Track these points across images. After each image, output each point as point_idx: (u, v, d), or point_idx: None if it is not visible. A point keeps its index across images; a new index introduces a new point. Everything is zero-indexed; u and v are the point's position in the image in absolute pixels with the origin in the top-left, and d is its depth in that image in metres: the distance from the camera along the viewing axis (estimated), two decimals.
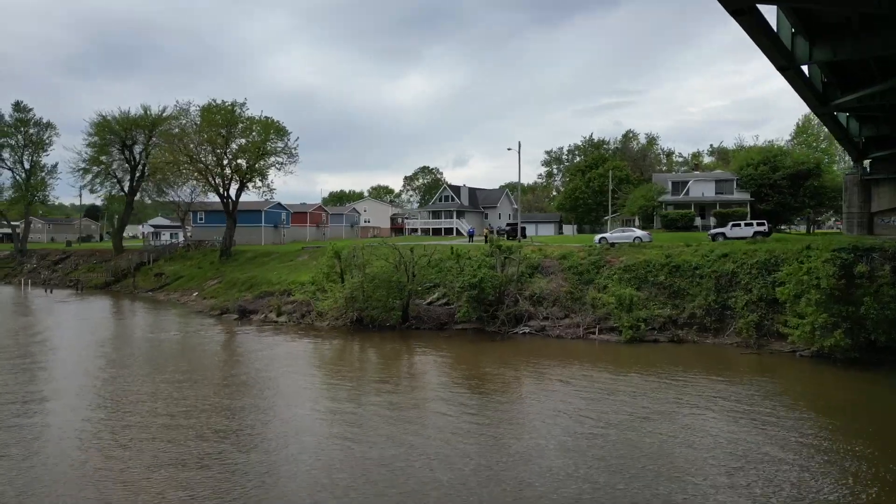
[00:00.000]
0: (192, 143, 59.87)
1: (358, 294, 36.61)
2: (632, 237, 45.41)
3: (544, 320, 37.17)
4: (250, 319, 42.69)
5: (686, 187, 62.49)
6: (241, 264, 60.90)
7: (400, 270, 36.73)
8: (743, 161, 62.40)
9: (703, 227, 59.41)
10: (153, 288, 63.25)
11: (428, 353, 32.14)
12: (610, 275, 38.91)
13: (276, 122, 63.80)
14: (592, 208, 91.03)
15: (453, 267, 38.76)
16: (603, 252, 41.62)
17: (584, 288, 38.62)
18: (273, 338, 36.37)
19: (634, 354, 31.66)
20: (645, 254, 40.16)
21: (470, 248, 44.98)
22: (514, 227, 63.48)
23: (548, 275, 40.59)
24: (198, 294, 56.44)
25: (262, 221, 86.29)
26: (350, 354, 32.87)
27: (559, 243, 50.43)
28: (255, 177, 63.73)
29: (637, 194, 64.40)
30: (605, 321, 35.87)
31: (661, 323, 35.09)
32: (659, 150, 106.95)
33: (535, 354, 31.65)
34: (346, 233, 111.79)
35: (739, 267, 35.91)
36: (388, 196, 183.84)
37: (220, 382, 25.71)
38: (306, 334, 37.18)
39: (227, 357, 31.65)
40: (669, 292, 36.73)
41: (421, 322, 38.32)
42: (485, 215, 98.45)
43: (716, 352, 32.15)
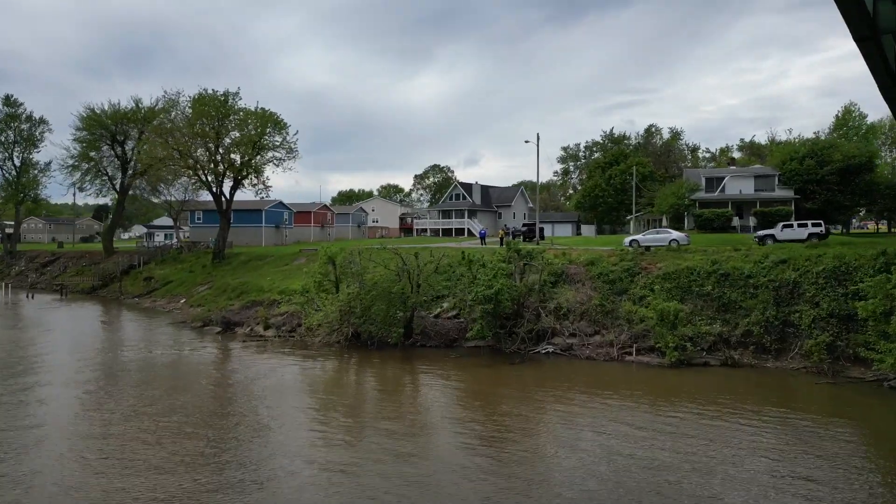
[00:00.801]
0: (182, 136, 54.97)
1: (355, 305, 31.49)
2: (667, 239, 39.91)
3: (571, 337, 31.85)
4: (234, 332, 37.72)
5: (722, 184, 56.67)
6: (233, 268, 56.06)
7: (403, 279, 31.54)
8: (785, 155, 56.57)
9: (742, 228, 53.71)
10: (140, 294, 58.58)
11: (435, 381, 26.93)
12: (647, 284, 33.51)
13: (273, 114, 58.90)
14: (613, 207, 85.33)
15: (465, 274, 33.53)
16: (637, 257, 36.19)
17: (616, 299, 33.24)
18: (255, 357, 31.33)
19: (682, 382, 26.29)
20: (686, 259, 34.71)
21: (483, 251, 39.74)
22: (531, 228, 58.12)
23: (573, 284, 35.23)
24: (185, 301, 51.68)
25: (263, 221, 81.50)
26: (342, 382, 27.74)
27: (582, 245, 45.04)
28: (250, 173, 58.86)
29: (667, 192, 58.74)
30: (644, 339, 30.49)
31: (711, 342, 29.65)
32: (683, 145, 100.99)
33: (562, 382, 26.35)
34: (353, 233, 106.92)
35: (802, 276, 30.37)
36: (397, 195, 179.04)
37: (173, 425, 20.63)
38: (294, 353, 32.11)
39: (193, 385, 26.60)
40: (718, 305, 31.26)
41: (427, 338, 33.13)
42: (498, 215, 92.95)
43: (779, 379, 26.69)
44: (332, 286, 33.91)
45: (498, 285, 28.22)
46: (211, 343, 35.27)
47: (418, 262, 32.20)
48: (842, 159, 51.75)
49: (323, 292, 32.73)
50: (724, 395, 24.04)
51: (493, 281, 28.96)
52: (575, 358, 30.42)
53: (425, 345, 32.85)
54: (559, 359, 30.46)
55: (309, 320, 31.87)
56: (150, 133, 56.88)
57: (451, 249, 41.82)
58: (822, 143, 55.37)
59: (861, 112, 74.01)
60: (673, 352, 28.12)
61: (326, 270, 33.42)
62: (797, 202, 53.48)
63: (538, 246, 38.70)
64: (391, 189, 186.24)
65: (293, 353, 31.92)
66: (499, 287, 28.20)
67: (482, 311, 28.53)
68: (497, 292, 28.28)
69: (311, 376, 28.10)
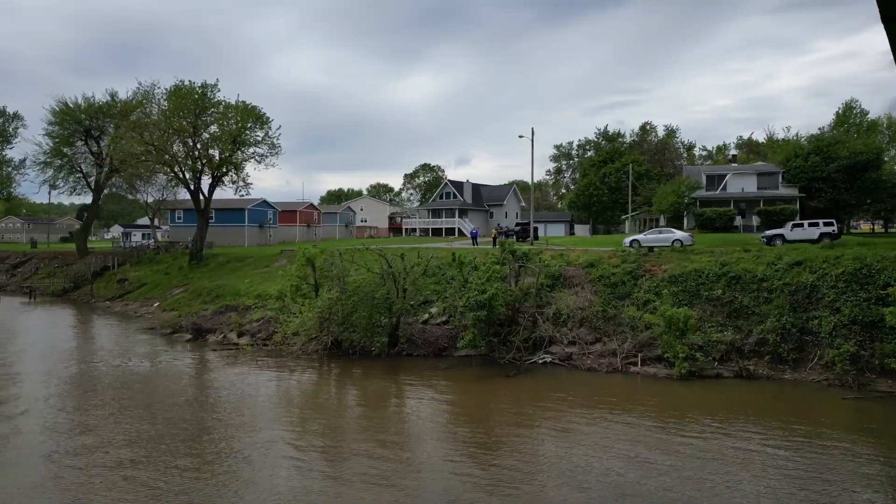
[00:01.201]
0: (157, 131, 51.93)
1: (336, 311, 28.80)
2: (670, 239, 37.54)
3: (570, 345, 29.35)
4: (206, 340, 34.93)
5: (723, 182, 54.30)
6: (211, 270, 53.18)
7: (387, 283, 28.88)
8: (789, 152, 54.36)
9: (745, 228, 51.47)
10: (113, 296, 55.57)
11: (421, 396, 24.32)
12: (652, 287, 31.10)
13: (255, 108, 55.95)
14: (608, 207, 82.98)
15: (456, 277, 30.94)
16: (640, 259, 33.76)
17: (618, 304, 30.80)
18: (226, 369, 28.59)
19: (694, 396, 23.85)
20: (693, 261, 32.32)
21: (475, 252, 37.19)
22: (524, 228, 55.60)
23: (572, 287, 32.75)
24: (159, 305, 48.76)
25: (246, 221, 78.61)
26: (319, 400, 25.03)
27: (579, 246, 42.58)
28: (230, 170, 55.91)
29: (667, 190, 56.35)
30: (650, 348, 28.06)
31: (723, 351, 27.25)
32: (679, 143, 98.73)
33: (562, 396, 23.82)
34: (341, 233, 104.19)
35: (820, 279, 28.04)
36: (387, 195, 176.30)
37: (124, 458, 17.90)
38: (269, 363, 29.39)
39: (153, 404, 23.82)
40: (729, 311, 28.88)
41: (414, 347, 30.51)
42: (490, 214, 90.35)
43: (800, 392, 24.30)
44: (312, 290, 31.21)
45: (492, 290, 25.62)
46: (179, 352, 32.46)
47: (404, 265, 29.55)
48: (848, 156, 49.57)
49: (301, 297, 30.01)
50: (741, 412, 21.62)
51: (487, 285, 26.38)
52: (575, 369, 27.92)
53: (412, 354, 30.25)
54: (558, 369, 27.94)
55: (284, 328, 29.11)
56: (124, 128, 53.66)
57: (441, 250, 39.26)
58: (827, 139, 53.22)
59: (863, 109, 72.15)
60: (683, 362, 25.66)
61: (305, 273, 30.70)
62: (802, 201, 51.28)
63: (533, 246, 36.19)
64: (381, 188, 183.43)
65: (268, 364, 29.21)
66: (493, 292, 25.60)
67: (474, 318, 25.93)
68: (491, 298, 25.68)
69: (286, 392, 25.39)
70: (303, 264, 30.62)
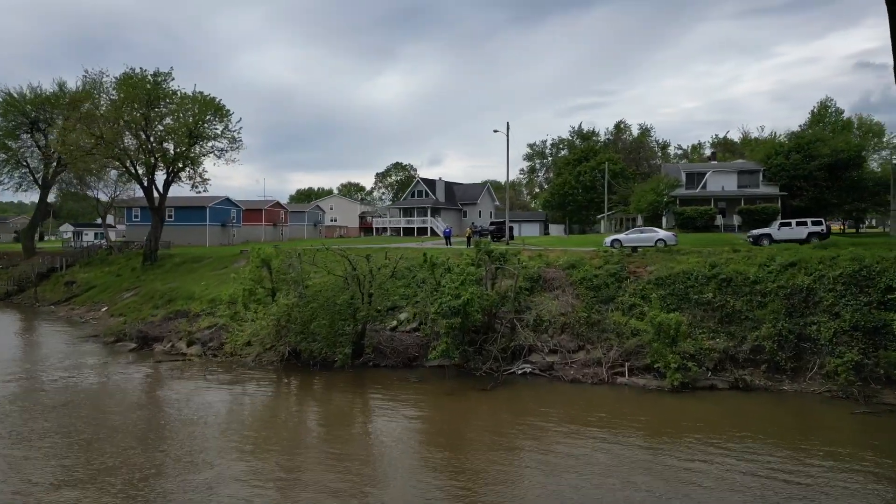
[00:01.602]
0: (106, 122, 48.22)
1: (294, 319, 25.98)
2: (653, 239, 35.61)
3: (551, 354, 27.02)
4: (152, 349, 31.77)
5: (703, 180, 52.70)
6: (165, 271, 49.71)
7: (352, 287, 26.14)
8: (770, 149, 53.07)
9: (726, 227, 49.94)
10: (59, 300, 51.70)
11: (388, 414, 21.72)
12: (637, 291, 28.95)
13: (213, 99, 52.59)
14: (583, 206, 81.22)
15: (428, 280, 28.38)
16: (623, 259, 31.63)
17: (602, 309, 28.58)
18: (171, 384, 25.59)
19: (688, 410, 21.72)
20: (680, 262, 30.31)
21: (448, 252, 34.69)
22: (499, 227, 53.35)
23: (552, 291, 30.46)
24: (107, 309, 45.24)
25: (207, 219, 74.82)
26: (274, 419, 22.20)
27: (557, 246, 40.37)
28: (187, 165, 52.47)
29: (645, 188, 54.59)
30: (637, 356, 25.88)
31: (716, 360, 25.19)
32: (654, 142, 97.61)
33: (544, 411, 21.47)
34: (309, 233, 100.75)
35: (817, 281, 26.18)
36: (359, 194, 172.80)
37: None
38: (220, 377, 26.46)
39: (84, 426, 20.77)
40: (721, 315, 26.88)
41: (382, 356, 27.84)
42: (463, 213, 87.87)
43: (802, 405, 22.34)
44: (268, 295, 28.32)
45: (466, 295, 23.08)
46: (120, 364, 29.26)
47: (371, 267, 26.84)
48: (830, 154, 48.38)
49: (255, 303, 27.09)
50: (741, 428, 19.53)
51: (461, 289, 23.85)
52: (557, 380, 25.58)
53: (379, 364, 27.58)
54: (538, 381, 25.59)
55: (234, 338, 26.12)
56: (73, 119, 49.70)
57: (412, 250, 36.68)
58: (807, 136, 52.04)
59: (837, 108, 71.54)
60: (675, 373, 23.51)
61: (260, 276, 27.79)
62: (783, 199, 49.94)
63: (510, 246, 33.80)
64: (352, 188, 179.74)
65: (218, 379, 26.27)
66: (468, 297, 23.06)
67: (447, 326, 23.36)
68: (465, 303, 23.16)
69: (236, 414, 22.51)
70: (257, 266, 27.71)
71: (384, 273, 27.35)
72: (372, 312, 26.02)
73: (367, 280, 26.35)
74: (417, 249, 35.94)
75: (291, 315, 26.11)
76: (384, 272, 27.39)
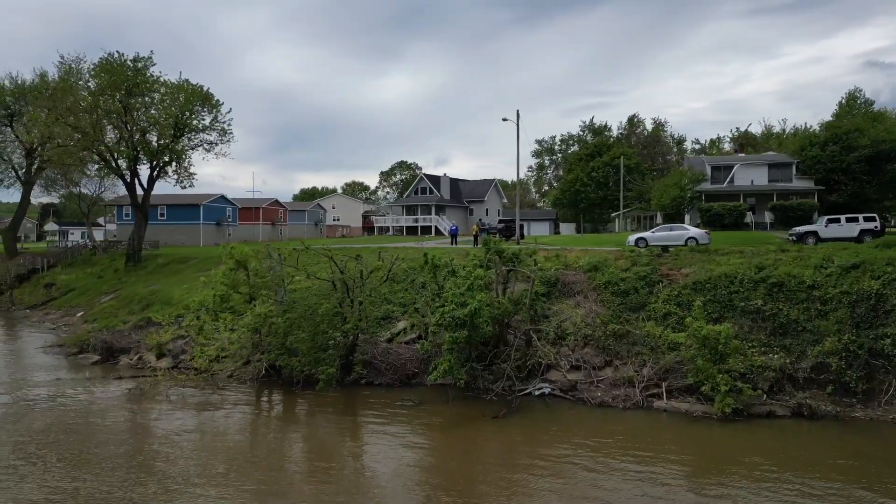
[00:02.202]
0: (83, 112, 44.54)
1: (277, 327, 22.13)
2: (683, 237, 31.69)
3: (574, 371, 23.10)
4: (117, 361, 28.06)
5: (731, 173, 48.60)
6: (149, 273, 46.09)
7: (338, 294, 22.28)
8: (804, 140, 48.94)
9: (757, 225, 45.82)
10: (35, 304, 48.19)
11: (382, 445, 17.89)
12: (671, 296, 24.99)
13: (200, 88, 48.89)
14: (596, 203, 77.08)
15: (428, 284, 24.50)
16: (654, 261, 27.66)
17: (631, 318, 24.64)
18: (129, 409, 21.82)
19: (745, 445, 17.75)
20: (720, 263, 26.34)
21: (452, 253, 30.83)
22: (509, 225, 49.44)
23: (572, 296, 26.54)
24: (82, 314, 41.62)
25: (201, 218, 71.27)
26: (248, 455, 18.36)
27: (572, 245, 36.40)
28: (173, 158, 48.81)
29: (667, 183, 50.51)
30: (676, 374, 21.93)
31: (771, 380, 21.21)
32: (669, 136, 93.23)
33: (568, 447, 17.57)
34: (310, 232, 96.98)
35: (886, 286, 22.17)
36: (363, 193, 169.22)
37: None
38: (189, 398, 22.69)
39: (24, 461, 17.00)
40: (773, 326, 22.91)
41: (376, 373, 23.99)
42: (469, 211, 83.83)
43: (881, 437, 18.35)
44: (245, 301, 24.48)
45: (474, 303, 19.13)
46: (76, 380, 25.51)
47: (362, 269, 22.95)
48: (870, 145, 44.18)
49: (228, 311, 23.27)
50: (812, 466, 15.72)
51: (468, 296, 19.93)
52: (581, 403, 21.66)
53: (373, 382, 23.73)
54: (559, 404, 21.67)
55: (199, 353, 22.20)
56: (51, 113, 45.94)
57: (412, 250, 32.85)
58: (845, 125, 47.75)
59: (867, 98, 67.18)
60: (725, 398, 19.53)
61: (234, 280, 23.95)
62: (820, 194, 45.76)
63: (523, 246, 29.88)
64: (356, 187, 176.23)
65: (186, 400, 22.50)
66: (475, 305, 19.12)
67: (451, 339, 19.43)
68: (473, 313, 19.23)
69: (200, 445, 18.67)
70: (231, 268, 23.88)
71: (377, 276, 23.46)
72: (362, 324, 22.08)
73: (356, 285, 22.45)
74: (417, 249, 32.02)
75: (272, 325, 22.28)
76: (377, 275, 23.49)
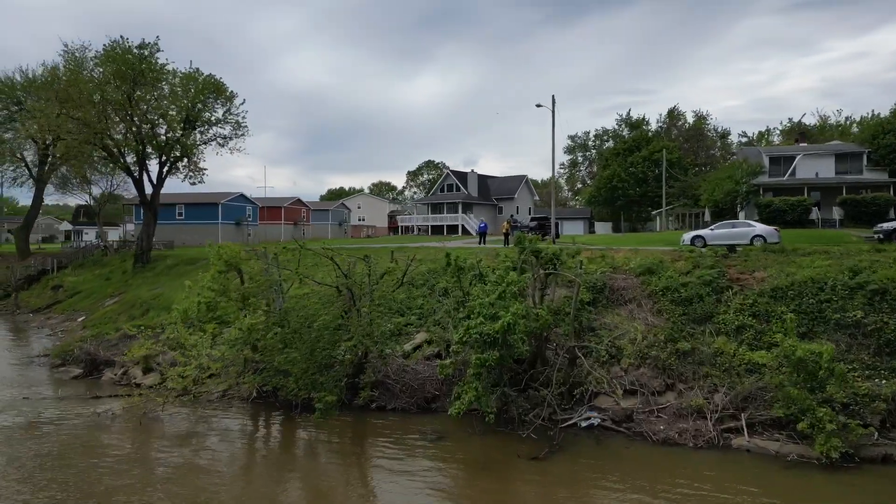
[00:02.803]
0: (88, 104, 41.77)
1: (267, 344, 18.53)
2: (749, 235, 27.35)
3: (627, 395, 18.99)
4: (100, 376, 24.87)
5: (792, 165, 43.70)
6: (155, 275, 43.21)
7: (340, 303, 18.57)
8: (875, 128, 43.88)
9: (824, 222, 40.89)
10: (40, 307, 45.79)
11: (393, 495, 14.10)
12: (745, 305, 20.69)
13: (212, 77, 45.95)
14: (634, 200, 72.25)
15: (452, 290, 20.61)
16: (719, 262, 23.34)
17: (696, 330, 20.44)
18: (91, 440, 18.46)
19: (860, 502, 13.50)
20: (801, 265, 21.97)
21: (479, 253, 26.94)
22: (542, 223, 45.30)
23: (623, 304, 22.41)
24: (83, 319, 38.86)
25: (220, 217, 68.71)
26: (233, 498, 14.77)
27: (614, 245, 32.17)
28: (185, 154, 45.90)
29: (719, 176, 45.65)
30: (757, 402, 17.68)
31: (882, 414, 16.81)
32: (712, 130, 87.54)
33: (626, 497, 13.53)
34: (333, 232, 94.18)
35: None
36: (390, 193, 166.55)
37: None
38: (174, 423, 19.29)
39: None
40: (878, 344, 18.51)
41: (389, 395, 20.23)
42: (498, 209, 79.60)
43: None
44: (238, 310, 20.89)
45: (508, 316, 15.14)
46: (47, 399, 22.30)
47: (370, 271, 19.18)
48: None
49: (215, 322, 19.74)
50: None
51: (499, 306, 15.98)
52: (639, 438, 17.53)
53: (385, 407, 19.98)
54: (612, 439, 17.60)
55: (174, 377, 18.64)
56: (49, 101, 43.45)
57: (434, 250, 29.05)
58: None
59: None
60: (830, 438, 15.23)
61: (224, 286, 20.40)
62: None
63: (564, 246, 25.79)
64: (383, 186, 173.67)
65: (166, 426, 19.09)
66: (509, 319, 15.15)
67: (479, 362, 15.51)
68: (507, 329, 15.28)
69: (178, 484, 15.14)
70: (220, 271, 20.36)
71: (389, 281, 19.65)
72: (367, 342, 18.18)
73: (362, 292, 18.67)
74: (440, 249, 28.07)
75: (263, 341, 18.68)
76: (389, 280, 19.68)
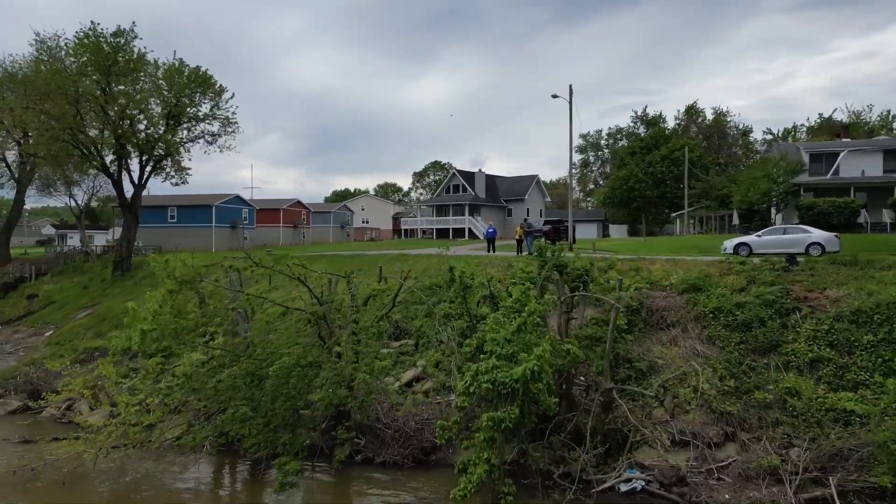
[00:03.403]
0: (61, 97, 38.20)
1: (223, 392, 14.69)
2: (804, 243, 23.37)
3: (676, 448, 15.04)
4: (39, 412, 21.16)
5: (835, 163, 39.57)
6: (135, 283, 39.57)
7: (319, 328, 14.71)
8: None
9: (873, 226, 36.75)
10: (11, 318, 42.26)
11: None
12: (819, 332, 16.71)
13: (198, 70, 42.31)
14: (652, 202, 68.12)
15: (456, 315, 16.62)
16: (780, 278, 19.33)
17: (758, 362, 16.48)
18: (20, 499, 14.72)
19: None
20: (885, 281, 17.97)
21: (489, 266, 23.03)
22: (556, 227, 41.30)
23: (664, 329, 18.46)
24: (51, 333, 35.29)
25: (213, 220, 65.01)
26: None
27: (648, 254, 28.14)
28: (168, 152, 42.27)
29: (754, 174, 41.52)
30: (848, 461, 13.69)
31: None
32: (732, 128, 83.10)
33: None
34: (335, 235, 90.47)
35: None
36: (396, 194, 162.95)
37: None
38: (101, 481, 15.51)
39: None
40: None
41: (378, 443, 16.35)
42: (508, 212, 75.54)
43: None
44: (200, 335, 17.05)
45: (531, 361, 11.12)
46: None
47: (352, 294, 15.30)
48: None
49: (161, 353, 15.93)
50: None
51: (519, 342, 12.05)
52: None
53: (373, 459, 16.10)
54: None
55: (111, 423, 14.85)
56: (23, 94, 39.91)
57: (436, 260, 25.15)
58: None
59: None
60: None
61: (177, 307, 16.63)
62: None
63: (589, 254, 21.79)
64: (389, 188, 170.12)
65: (95, 487, 15.31)
66: (534, 365, 11.13)
67: (492, 423, 11.54)
68: (532, 375, 11.30)
69: None
70: (171, 290, 16.61)
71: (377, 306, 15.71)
72: (345, 393, 14.18)
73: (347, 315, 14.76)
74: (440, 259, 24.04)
75: (194, 390, 14.84)
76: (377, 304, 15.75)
